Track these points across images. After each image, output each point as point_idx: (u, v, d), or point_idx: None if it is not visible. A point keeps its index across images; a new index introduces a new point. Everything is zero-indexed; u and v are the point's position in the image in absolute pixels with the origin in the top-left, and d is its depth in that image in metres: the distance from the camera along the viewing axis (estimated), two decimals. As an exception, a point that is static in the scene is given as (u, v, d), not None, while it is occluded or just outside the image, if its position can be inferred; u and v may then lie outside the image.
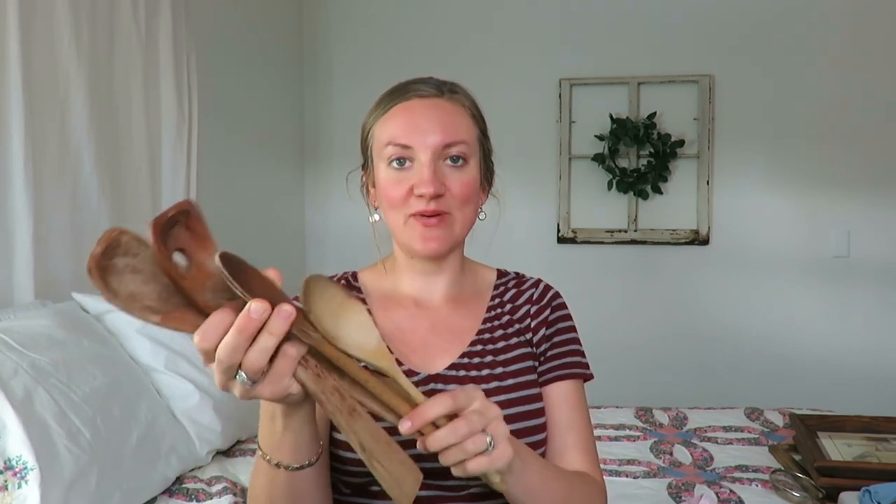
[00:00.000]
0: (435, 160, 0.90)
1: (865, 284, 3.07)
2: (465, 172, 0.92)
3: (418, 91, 0.94)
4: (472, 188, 0.93)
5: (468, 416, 0.69)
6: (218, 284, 0.62)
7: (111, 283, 0.58)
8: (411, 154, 0.90)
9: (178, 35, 2.30)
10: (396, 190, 0.91)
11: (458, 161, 0.91)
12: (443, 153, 0.91)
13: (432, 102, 0.93)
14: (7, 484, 1.21)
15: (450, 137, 0.91)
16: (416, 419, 0.68)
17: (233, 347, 0.60)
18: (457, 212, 0.92)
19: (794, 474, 1.63)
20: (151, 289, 0.60)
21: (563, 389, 0.95)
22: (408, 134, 0.91)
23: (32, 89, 1.75)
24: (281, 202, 3.25)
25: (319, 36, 3.45)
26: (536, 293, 1.01)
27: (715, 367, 3.17)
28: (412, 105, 0.93)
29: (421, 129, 0.90)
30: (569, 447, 0.93)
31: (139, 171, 2.18)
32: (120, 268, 0.59)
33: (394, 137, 0.91)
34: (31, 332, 1.47)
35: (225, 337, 0.60)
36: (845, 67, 3.05)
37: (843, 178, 3.07)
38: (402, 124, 0.91)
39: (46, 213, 1.81)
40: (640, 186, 3.16)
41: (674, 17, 3.17)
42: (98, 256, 0.57)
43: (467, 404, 0.70)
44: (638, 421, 2.15)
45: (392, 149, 0.91)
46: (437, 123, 0.91)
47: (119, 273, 0.59)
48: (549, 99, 3.26)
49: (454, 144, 0.91)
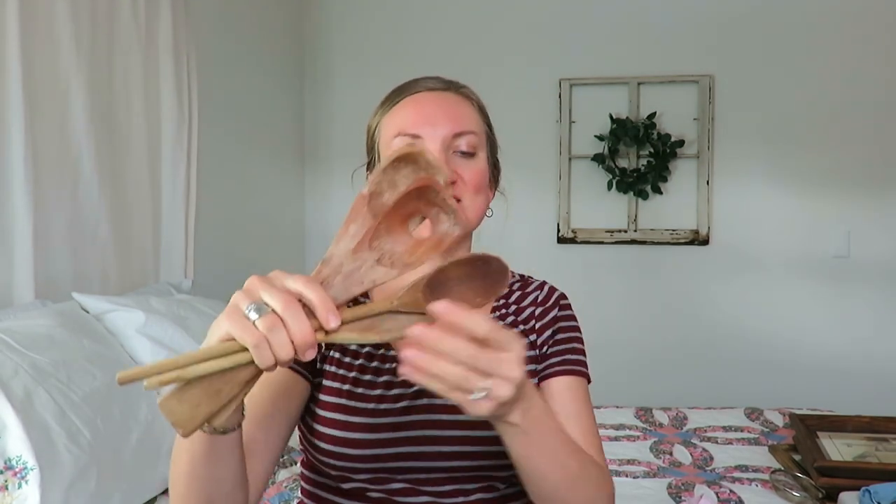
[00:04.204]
0: (445, 150, 0.90)
1: (865, 284, 3.07)
2: (476, 162, 0.92)
3: (426, 85, 0.95)
4: (483, 177, 0.93)
5: (478, 355, 0.60)
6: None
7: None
8: (421, 145, 0.90)
9: (178, 35, 2.30)
10: None
11: (467, 153, 0.91)
12: (452, 144, 0.90)
13: (441, 95, 0.94)
14: (7, 484, 1.21)
15: (459, 127, 0.91)
16: (450, 314, 0.60)
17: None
18: (468, 200, 0.91)
19: (794, 474, 1.63)
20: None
21: (566, 383, 0.93)
22: (418, 123, 0.90)
23: (32, 89, 1.75)
24: (281, 202, 3.25)
25: (319, 36, 3.45)
26: (542, 295, 1.00)
27: (715, 367, 3.17)
28: (421, 97, 0.93)
29: (431, 118, 0.90)
30: (574, 438, 0.89)
31: (139, 171, 2.18)
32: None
33: (403, 127, 0.91)
34: (31, 332, 1.47)
35: None
36: (845, 67, 3.05)
37: (842, 178, 3.07)
38: (412, 114, 0.91)
39: (46, 213, 1.81)
40: (640, 186, 3.16)
41: (674, 17, 3.17)
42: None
43: (498, 345, 0.61)
44: (638, 421, 2.15)
45: (402, 139, 0.90)
46: (447, 114, 0.91)
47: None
48: (549, 99, 3.26)
49: (464, 134, 0.91)
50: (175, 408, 0.61)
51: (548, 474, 0.75)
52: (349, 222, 0.64)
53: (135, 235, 2.17)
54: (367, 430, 0.85)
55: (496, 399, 0.62)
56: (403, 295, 0.64)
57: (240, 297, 0.62)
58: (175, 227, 2.32)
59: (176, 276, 2.32)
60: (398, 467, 0.86)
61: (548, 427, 0.74)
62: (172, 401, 0.61)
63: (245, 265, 2.82)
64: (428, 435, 0.86)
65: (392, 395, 0.88)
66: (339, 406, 0.87)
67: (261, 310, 0.60)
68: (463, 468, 0.86)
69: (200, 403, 0.61)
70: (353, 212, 0.64)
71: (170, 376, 0.59)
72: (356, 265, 0.64)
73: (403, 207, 0.65)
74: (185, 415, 0.61)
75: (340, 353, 0.91)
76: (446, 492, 0.87)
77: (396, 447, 0.85)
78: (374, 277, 0.64)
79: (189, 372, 0.60)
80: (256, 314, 0.60)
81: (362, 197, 0.64)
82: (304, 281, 0.61)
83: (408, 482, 0.86)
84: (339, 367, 0.90)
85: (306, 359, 0.61)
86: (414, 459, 0.86)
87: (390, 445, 0.85)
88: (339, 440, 0.85)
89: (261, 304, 0.60)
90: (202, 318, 1.91)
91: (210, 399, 0.61)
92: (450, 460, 0.86)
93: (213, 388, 0.61)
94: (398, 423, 0.86)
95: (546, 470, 0.75)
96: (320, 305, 0.61)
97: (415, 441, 0.86)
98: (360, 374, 0.89)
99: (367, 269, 0.64)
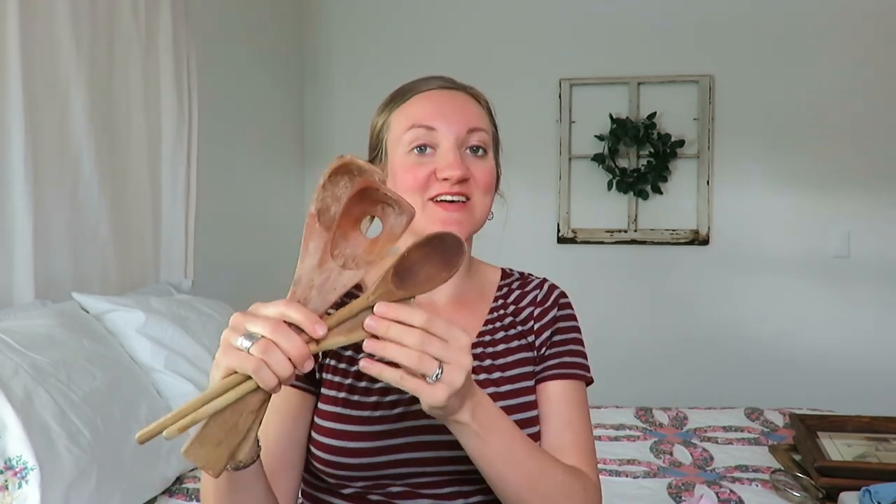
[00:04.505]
0: (458, 146, 0.90)
1: (865, 284, 3.07)
2: (487, 161, 0.93)
3: (438, 83, 0.95)
4: (493, 177, 0.93)
5: (427, 340, 0.66)
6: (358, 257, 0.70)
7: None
8: (434, 139, 0.90)
9: (178, 35, 2.30)
10: (418, 172, 0.89)
11: (478, 151, 0.92)
12: (465, 140, 0.91)
13: (453, 93, 0.95)
14: (7, 484, 1.21)
15: (472, 123, 0.91)
16: (388, 312, 0.66)
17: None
18: (478, 199, 0.91)
19: (794, 474, 1.63)
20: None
21: (561, 387, 0.93)
22: (433, 116, 0.90)
23: (32, 89, 1.75)
24: (281, 202, 3.26)
25: (319, 36, 3.45)
26: (541, 294, 0.99)
27: (715, 367, 3.17)
28: (434, 94, 0.94)
29: (445, 113, 0.91)
30: (565, 446, 0.90)
31: (139, 171, 2.18)
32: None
33: (418, 120, 0.90)
34: (31, 332, 1.47)
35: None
36: (845, 67, 3.05)
37: (842, 178, 3.07)
38: (427, 108, 0.92)
39: (46, 213, 1.81)
40: (640, 186, 3.16)
41: (674, 17, 3.17)
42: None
43: (443, 335, 0.67)
44: (638, 421, 2.15)
45: (415, 132, 0.90)
46: (461, 110, 0.92)
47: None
48: (549, 99, 3.26)
49: (476, 131, 0.91)
50: (199, 452, 0.65)
51: (505, 475, 0.78)
52: (307, 241, 0.68)
53: (135, 235, 2.17)
54: (363, 439, 0.85)
55: (450, 385, 0.67)
56: (376, 289, 0.68)
57: (229, 334, 0.66)
58: (175, 227, 2.32)
59: (176, 276, 2.32)
60: (397, 473, 0.85)
61: (501, 428, 0.77)
62: (195, 446, 0.65)
63: (245, 265, 2.82)
64: (425, 440, 0.86)
65: (388, 402, 0.87)
66: (334, 415, 0.87)
67: (252, 338, 0.64)
68: (462, 472, 0.86)
69: (221, 441, 0.65)
70: (307, 231, 0.68)
71: (186, 421, 0.63)
72: (325, 276, 0.68)
73: (351, 213, 0.70)
74: (210, 456, 0.65)
75: (336, 361, 0.90)
76: (446, 494, 0.87)
77: (394, 454, 0.85)
78: (344, 282, 0.69)
79: (203, 412, 0.64)
80: (249, 342, 0.64)
81: (312, 216, 0.68)
82: (283, 303, 0.66)
83: (407, 486, 0.86)
84: (334, 374, 0.90)
85: (305, 370, 0.65)
86: (412, 465, 0.85)
87: (388, 452, 0.85)
88: (336, 449, 0.85)
89: (250, 334, 0.64)
90: (202, 318, 1.91)
91: (229, 434, 0.65)
92: (448, 464, 0.86)
93: (228, 423, 0.65)
94: (395, 430, 0.86)
95: (503, 471, 0.78)
96: (304, 319, 0.65)
97: (412, 447, 0.85)
98: (355, 382, 0.89)
99: (335, 277, 0.69)
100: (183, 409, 0.63)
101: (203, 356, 1.78)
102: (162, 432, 0.62)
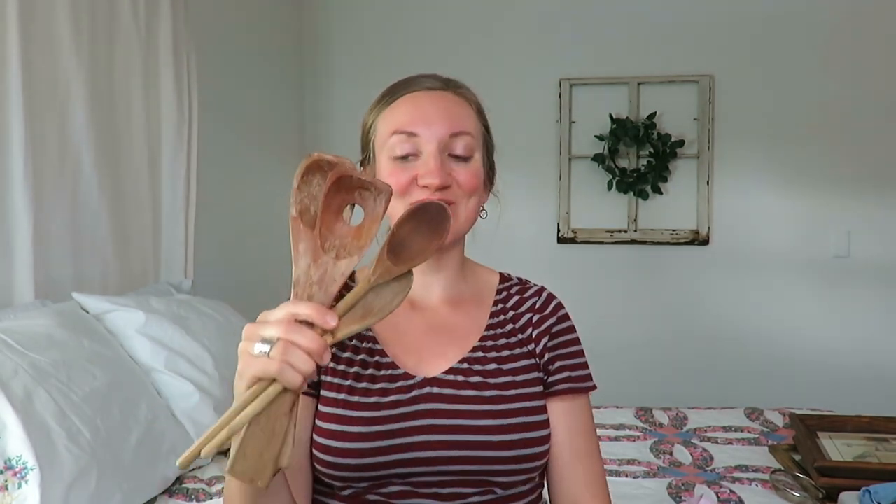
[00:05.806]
0: (441, 151, 0.89)
1: (865, 284, 3.07)
2: (470, 165, 0.92)
3: (424, 84, 0.94)
4: (477, 180, 0.92)
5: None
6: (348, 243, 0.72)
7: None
8: (417, 144, 0.90)
9: (178, 35, 2.30)
10: (400, 177, 0.89)
11: (462, 157, 0.91)
12: (448, 145, 0.90)
13: (438, 94, 0.94)
14: (7, 484, 1.21)
15: (456, 127, 0.91)
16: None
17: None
18: (461, 203, 0.91)
19: (794, 474, 1.63)
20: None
21: (570, 409, 0.93)
22: (414, 122, 0.90)
23: (32, 89, 1.75)
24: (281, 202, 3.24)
25: (319, 36, 3.45)
26: (539, 302, 0.99)
27: (715, 367, 3.17)
28: (418, 96, 0.93)
29: (427, 118, 0.90)
30: (578, 482, 0.92)
31: (139, 171, 2.18)
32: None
33: (400, 125, 0.90)
34: (31, 332, 1.47)
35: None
36: (845, 67, 3.05)
37: (843, 178, 3.07)
38: (409, 113, 0.91)
39: (46, 213, 1.81)
40: (640, 186, 3.16)
41: (674, 17, 3.17)
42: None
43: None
44: (638, 421, 2.15)
45: (397, 137, 0.90)
46: (444, 114, 0.91)
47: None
48: (549, 99, 3.26)
49: (460, 135, 0.91)
50: (244, 466, 0.65)
51: None
52: (296, 244, 0.70)
53: (135, 236, 2.17)
54: (363, 440, 0.85)
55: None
56: (374, 269, 0.71)
57: (246, 345, 0.67)
58: (175, 227, 2.32)
59: (176, 276, 2.32)
60: (397, 473, 0.85)
61: None
62: (238, 462, 0.65)
63: (245, 265, 2.82)
64: (425, 440, 0.85)
65: (388, 402, 0.87)
66: (334, 416, 0.86)
67: (268, 343, 0.66)
68: (461, 472, 0.86)
69: (263, 450, 0.65)
70: (294, 234, 0.70)
71: (221, 436, 0.63)
72: (322, 270, 0.70)
73: (331, 206, 0.71)
74: (256, 467, 0.65)
75: (334, 363, 0.90)
76: (445, 494, 0.87)
77: (394, 454, 0.85)
78: (341, 271, 0.71)
79: (237, 423, 0.64)
80: (267, 347, 0.65)
81: (294, 219, 0.70)
82: (290, 303, 0.67)
83: (407, 485, 0.86)
84: (333, 375, 0.89)
85: (325, 362, 0.67)
86: (412, 465, 0.85)
87: (388, 453, 0.85)
88: (336, 450, 0.85)
89: (265, 340, 0.66)
90: (202, 318, 1.91)
91: (269, 441, 0.66)
92: (448, 465, 0.86)
93: (266, 431, 0.66)
94: (395, 430, 0.85)
95: None
96: (314, 312, 0.67)
97: (412, 447, 0.85)
98: (355, 383, 0.88)
99: (332, 269, 0.70)
100: (215, 429, 0.63)
101: (203, 356, 1.78)
102: (200, 454, 0.62)
